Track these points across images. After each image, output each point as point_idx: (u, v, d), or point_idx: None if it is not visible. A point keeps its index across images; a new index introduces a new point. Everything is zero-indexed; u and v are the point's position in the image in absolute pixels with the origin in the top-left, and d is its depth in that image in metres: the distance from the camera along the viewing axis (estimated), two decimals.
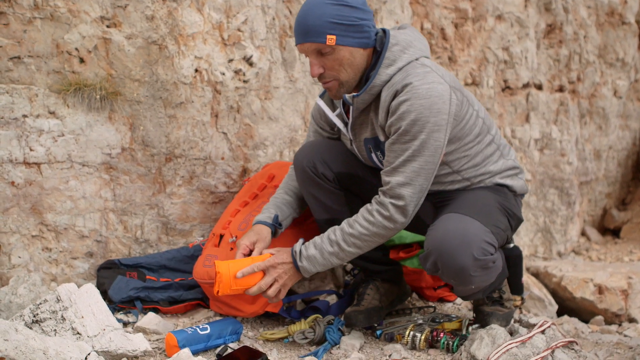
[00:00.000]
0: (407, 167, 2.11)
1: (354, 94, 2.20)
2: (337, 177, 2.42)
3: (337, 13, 2.08)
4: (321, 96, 2.43)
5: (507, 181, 2.36)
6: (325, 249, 2.19)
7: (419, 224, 2.34)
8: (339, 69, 2.15)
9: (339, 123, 2.36)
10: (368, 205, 2.20)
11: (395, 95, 2.10)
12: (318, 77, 2.18)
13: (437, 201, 2.36)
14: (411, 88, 2.07)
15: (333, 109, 2.41)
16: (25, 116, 2.51)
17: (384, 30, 2.22)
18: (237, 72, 2.95)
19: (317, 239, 2.22)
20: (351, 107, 2.25)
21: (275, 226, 2.37)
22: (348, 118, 2.34)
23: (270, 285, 2.19)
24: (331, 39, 2.08)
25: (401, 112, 2.08)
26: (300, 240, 2.25)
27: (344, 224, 2.20)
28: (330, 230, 2.22)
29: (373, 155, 2.33)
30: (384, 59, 2.14)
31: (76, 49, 2.60)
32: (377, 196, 2.19)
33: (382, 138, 2.23)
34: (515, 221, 2.36)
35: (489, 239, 2.11)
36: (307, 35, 2.10)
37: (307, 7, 2.11)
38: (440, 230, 2.11)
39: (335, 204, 2.42)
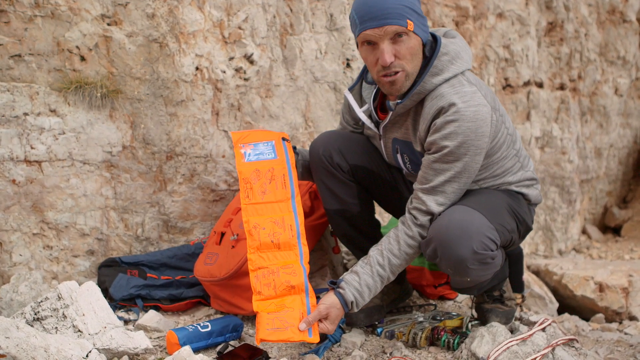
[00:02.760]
0: (447, 188, 2.15)
1: (398, 101, 2.18)
2: (351, 169, 2.42)
3: (412, 0, 2.08)
4: (350, 89, 2.39)
5: (523, 190, 2.36)
6: (379, 288, 2.20)
7: None
8: (409, 59, 2.11)
9: (365, 119, 2.34)
10: (406, 230, 2.19)
11: (440, 112, 2.09)
12: (384, 69, 2.11)
13: None
14: (458, 109, 2.06)
15: (361, 103, 2.39)
16: (26, 114, 2.51)
17: (433, 36, 2.19)
18: (237, 70, 2.95)
19: (369, 280, 2.17)
20: (389, 111, 2.24)
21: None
22: (378, 114, 2.33)
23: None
24: (410, 25, 2.06)
25: (448, 132, 2.08)
26: (347, 289, 2.15)
27: (389, 256, 2.18)
28: (377, 266, 2.18)
29: (398, 155, 2.34)
30: (432, 67, 2.12)
31: (77, 47, 2.60)
32: (413, 218, 2.19)
33: (418, 148, 2.24)
34: (523, 227, 2.35)
35: (491, 235, 2.12)
36: (388, 17, 2.04)
37: None
38: (445, 219, 2.12)
39: (347, 195, 2.43)
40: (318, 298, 2.70)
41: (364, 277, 2.18)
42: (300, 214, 2.25)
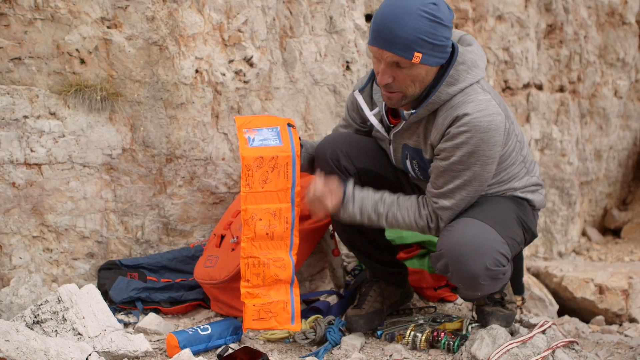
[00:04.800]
0: (456, 194, 2.15)
1: (413, 111, 2.14)
2: (358, 173, 2.39)
3: (431, 31, 1.95)
4: (360, 91, 2.33)
5: (528, 195, 2.35)
6: (367, 213, 2.24)
7: None
8: (409, 84, 2.06)
9: (376, 123, 2.30)
10: (422, 204, 2.22)
11: (455, 120, 2.06)
12: (383, 86, 2.09)
13: None
14: (472, 119, 2.03)
15: (371, 106, 2.36)
16: (26, 117, 2.52)
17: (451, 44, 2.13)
18: (237, 72, 2.95)
19: (365, 201, 2.24)
20: (401, 118, 2.21)
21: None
22: (389, 119, 2.30)
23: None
24: (417, 57, 1.97)
25: (459, 142, 2.06)
26: (351, 184, 2.27)
27: (394, 205, 2.23)
28: (379, 201, 2.24)
29: (407, 161, 2.32)
30: (448, 77, 2.07)
31: (77, 50, 2.60)
32: (432, 203, 2.21)
33: (427, 155, 2.22)
34: (529, 236, 2.35)
35: (503, 250, 2.11)
36: (392, 45, 1.96)
37: (398, 12, 1.95)
38: (457, 233, 2.10)
39: None
40: (317, 300, 2.71)
41: (364, 200, 2.25)
42: (297, 206, 2.29)
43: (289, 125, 2.32)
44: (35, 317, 2.11)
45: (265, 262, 2.25)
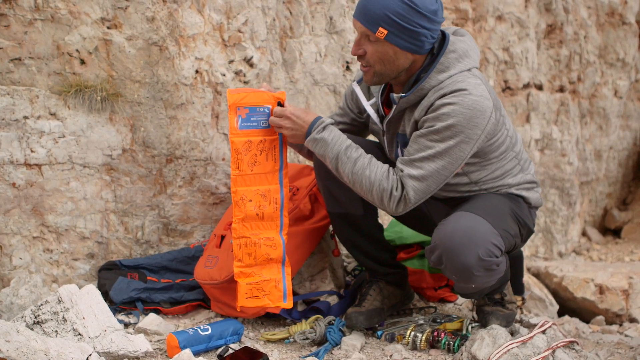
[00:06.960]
0: (424, 165, 2.12)
1: (402, 94, 2.19)
2: None
3: (401, 12, 2.04)
4: (358, 82, 2.40)
5: (523, 193, 2.36)
6: (337, 149, 2.20)
7: (429, 225, 2.34)
8: (377, 61, 2.14)
9: (372, 113, 2.34)
10: (393, 170, 2.17)
11: (442, 96, 2.10)
12: (357, 57, 2.18)
13: (452, 203, 2.37)
14: (459, 94, 2.07)
15: (369, 96, 2.40)
16: (26, 117, 2.52)
17: (443, 33, 2.19)
18: (237, 73, 2.95)
19: (342, 138, 2.21)
20: (394, 106, 2.24)
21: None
22: (384, 109, 2.34)
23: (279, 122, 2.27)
24: (382, 33, 2.06)
25: (441, 113, 2.08)
26: (329, 120, 2.26)
27: (366, 158, 2.18)
28: (353, 146, 2.20)
29: (398, 150, 2.34)
30: (438, 64, 2.13)
31: (77, 50, 2.60)
32: (401, 173, 2.15)
33: (408, 131, 2.23)
34: (525, 231, 2.36)
35: (496, 241, 2.12)
36: (362, 16, 2.09)
37: None
38: (449, 226, 2.12)
39: (349, 198, 2.42)
40: (318, 300, 2.71)
41: (340, 134, 2.23)
42: (286, 186, 2.38)
43: (279, 104, 2.36)
44: (35, 317, 2.11)
45: (256, 242, 2.34)
